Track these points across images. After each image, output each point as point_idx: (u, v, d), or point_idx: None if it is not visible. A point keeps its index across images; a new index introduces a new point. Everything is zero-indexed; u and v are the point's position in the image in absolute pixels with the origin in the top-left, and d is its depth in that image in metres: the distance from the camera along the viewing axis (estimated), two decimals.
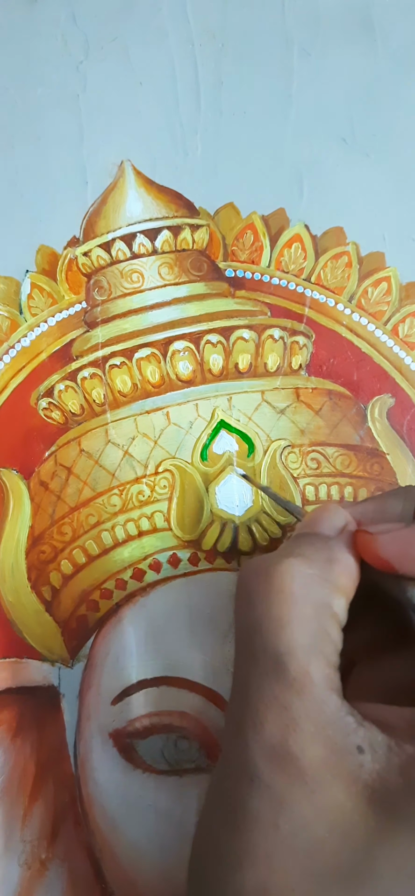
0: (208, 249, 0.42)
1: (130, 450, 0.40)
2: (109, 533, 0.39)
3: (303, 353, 0.41)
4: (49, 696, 0.38)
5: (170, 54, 0.44)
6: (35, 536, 0.39)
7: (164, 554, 0.39)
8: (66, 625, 0.38)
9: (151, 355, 0.40)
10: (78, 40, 0.44)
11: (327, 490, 0.40)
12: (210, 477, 0.39)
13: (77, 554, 0.39)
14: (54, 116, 0.44)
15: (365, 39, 0.44)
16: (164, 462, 0.40)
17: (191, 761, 0.36)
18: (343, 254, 0.42)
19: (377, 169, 0.43)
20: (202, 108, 0.44)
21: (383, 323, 0.42)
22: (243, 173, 0.43)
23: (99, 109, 0.44)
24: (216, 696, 0.37)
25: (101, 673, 0.38)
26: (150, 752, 0.37)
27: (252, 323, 0.41)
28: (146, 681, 0.37)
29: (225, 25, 0.44)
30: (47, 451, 0.40)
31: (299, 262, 0.42)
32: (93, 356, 0.41)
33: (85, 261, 0.42)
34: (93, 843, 0.36)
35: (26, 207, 0.43)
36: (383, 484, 0.40)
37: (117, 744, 0.37)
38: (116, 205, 0.42)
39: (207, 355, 0.41)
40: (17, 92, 0.44)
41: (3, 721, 0.37)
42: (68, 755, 0.37)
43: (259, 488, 0.39)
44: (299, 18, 0.44)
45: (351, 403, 0.41)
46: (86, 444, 0.40)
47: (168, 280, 0.42)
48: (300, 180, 0.43)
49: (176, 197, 0.43)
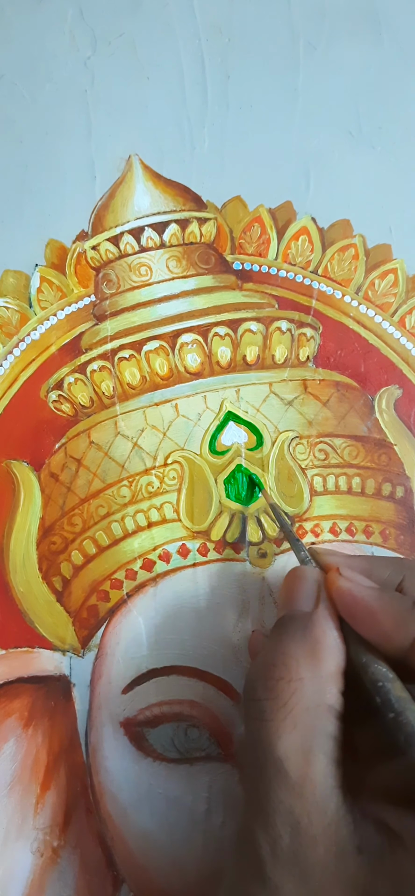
0: (216, 242, 0.43)
1: (139, 441, 0.40)
2: (119, 524, 0.39)
3: (310, 344, 0.42)
4: (61, 685, 0.38)
5: (177, 49, 0.44)
6: (46, 527, 0.39)
7: (173, 544, 0.39)
8: (78, 615, 0.39)
9: (160, 348, 0.41)
10: (86, 36, 0.44)
11: (334, 481, 0.40)
12: (219, 468, 0.40)
13: (87, 545, 0.39)
14: (62, 111, 0.44)
15: (371, 32, 0.45)
16: (173, 454, 0.40)
17: (201, 749, 0.37)
18: (350, 246, 0.43)
19: (384, 161, 0.44)
20: (209, 102, 0.44)
21: (390, 314, 0.42)
22: (250, 167, 0.43)
23: (107, 104, 0.44)
24: (226, 685, 0.37)
25: (111, 662, 0.38)
26: (160, 740, 0.37)
27: (260, 315, 0.41)
28: (156, 670, 0.38)
29: (231, 20, 0.44)
30: (57, 443, 0.40)
31: (306, 255, 0.43)
32: (102, 349, 0.41)
33: (94, 254, 0.42)
34: (104, 830, 0.37)
35: (35, 202, 0.43)
36: (390, 474, 0.40)
37: (128, 732, 0.37)
38: (124, 199, 0.43)
39: (215, 347, 0.41)
40: (25, 87, 0.44)
41: (16, 710, 0.38)
42: (80, 744, 0.37)
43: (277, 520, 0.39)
44: (305, 12, 0.44)
45: (358, 395, 0.41)
46: (95, 436, 0.40)
47: (176, 273, 0.42)
48: (307, 173, 0.43)
49: (184, 190, 0.43)
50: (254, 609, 0.38)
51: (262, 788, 0.27)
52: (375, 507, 0.40)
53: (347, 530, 0.40)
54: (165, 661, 0.38)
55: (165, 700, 0.37)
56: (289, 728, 0.27)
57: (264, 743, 0.27)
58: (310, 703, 0.28)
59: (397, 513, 0.40)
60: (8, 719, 0.38)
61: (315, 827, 0.25)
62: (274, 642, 0.30)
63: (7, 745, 0.37)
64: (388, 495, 0.40)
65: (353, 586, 0.30)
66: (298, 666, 0.28)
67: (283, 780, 0.26)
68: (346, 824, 0.25)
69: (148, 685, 0.37)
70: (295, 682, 0.28)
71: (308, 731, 0.27)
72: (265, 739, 0.27)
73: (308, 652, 0.29)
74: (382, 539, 0.39)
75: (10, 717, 0.38)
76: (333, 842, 0.25)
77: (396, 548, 0.39)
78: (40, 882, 0.36)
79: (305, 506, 0.40)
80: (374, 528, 0.40)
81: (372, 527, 0.40)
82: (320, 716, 0.28)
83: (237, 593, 0.39)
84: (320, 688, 0.28)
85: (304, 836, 0.25)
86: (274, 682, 0.28)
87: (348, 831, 0.25)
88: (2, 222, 0.43)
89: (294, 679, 0.28)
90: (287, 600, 0.32)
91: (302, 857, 0.25)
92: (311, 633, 0.29)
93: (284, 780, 0.26)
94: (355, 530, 0.39)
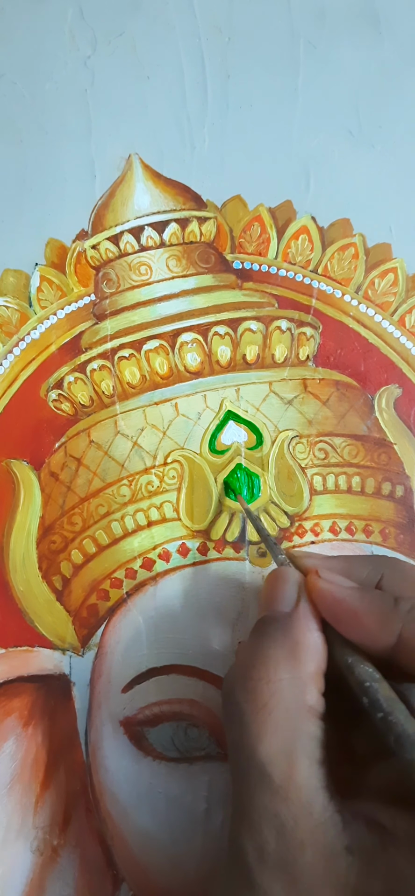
0: (216, 242, 0.43)
1: (139, 441, 0.40)
2: (119, 523, 0.39)
3: (310, 344, 0.42)
4: (60, 684, 0.38)
5: (177, 48, 0.44)
6: (46, 526, 0.39)
7: (173, 544, 0.39)
8: (77, 614, 0.39)
9: (160, 347, 0.41)
10: (85, 35, 0.44)
11: (334, 480, 0.40)
12: (219, 467, 0.40)
13: (87, 544, 0.39)
14: (62, 111, 0.44)
15: (371, 32, 0.45)
16: (172, 453, 0.40)
17: (201, 749, 0.37)
18: (350, 245, 0.43)
19: (384, 161, 0.44)
20: (209, 101, 0.44)
21: (389, 314, 0.42)
22: (250, 166, 0.43)
23: (107, 104, 0.44)
24: None
25: (111, 661, 0.38)
26: (160, 739, 0.37)
27: (260, 314, 0.41)
28: (156, 669, 0.38)
29: (231, 19, 0.44)
30: (57, 442, 0.40)
31: (306, 254, 0.43)
32: (102, 348, 0.41)
33: (93, 254, 0.42)
34: (104, 829, 0.37)
35: (35, 201, 0.43)
36: (390, 473, 0.40)
37: (128, 731, 0.37)
38: (124, 198, 0.43)
39: (215, 347, 0.41)
40: (25, 87, 0.44)
41: (15, 709, 0.38)
42: (80, 743, 0.37)
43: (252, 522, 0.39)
44: (305, 12, 0.44)
45: (358, 394, 0.41)
46: (95, 436, 0.40)
47: (176, 272, 0.42)
48: (307, 172, 0.43)
49: (184, 190, 0.43)
50: (254, 608, 0.38)
51: (245, 793, 0.27)
52: (374, 506, 0.40)
53: (346, 529, 0.40)
54: (165, 660, 0.38)
55: (165, 699, 0.37)
56: (270, 731, 0.27)
57: (246, 747, 0.27)
58: (290, 705, 0.27)
59: (396, 512, 0.40)
60: (8, 718, 0.38)
61: (302, 830, 0.25)
62: (253, 644, 0.30)
63: (7, 744, 0.37)
64: (388, 494, 0.40)
65: (333, 587, 0.30)
66: (276, 667, 0.28)
67: (266, 784, 0.26)
68: (333, 825, 0.25)
69: (148, 684, 0.37)
70: (274, 682, 0.28)
71: (290, 733, 0.27)
72: (247, 744, 0.27)
73: (288, 653, 0.28)
74: (381, 538, 0.39)
75: (9, 715, 0.38)
76: (321, 843, 0.25)
77: (395, 547, 0.39)
78: (40, 881, 0.36)
79: (305, 505, 0.40)
80: (374, 527, 0.40)
81: (372, 526, 0.40)
82: (302, 717, 0.27)
83: (237, 592, 0.39)
84: (301, 689, 0.28)
85: (290, 839, 0.25)
86: (253, 684, 0.28)
87: (337, 831, 0.25)
88: (2, 221, 0.43)
89: (273, 680, 0.28)
90: (267, 601, 0.32)
91: (290, 862, 0.25)
92: (290, 634, 0.29)
93: (267, 784, 0.26)
94: (355, 529, 0.39)
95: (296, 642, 0.29)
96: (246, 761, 0.27)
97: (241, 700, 0.28)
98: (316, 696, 0.28)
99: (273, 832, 0.25)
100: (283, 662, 0.28)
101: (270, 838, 0.25)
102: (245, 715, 0.27)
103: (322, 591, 0.30)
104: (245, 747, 0.27)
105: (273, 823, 0.26)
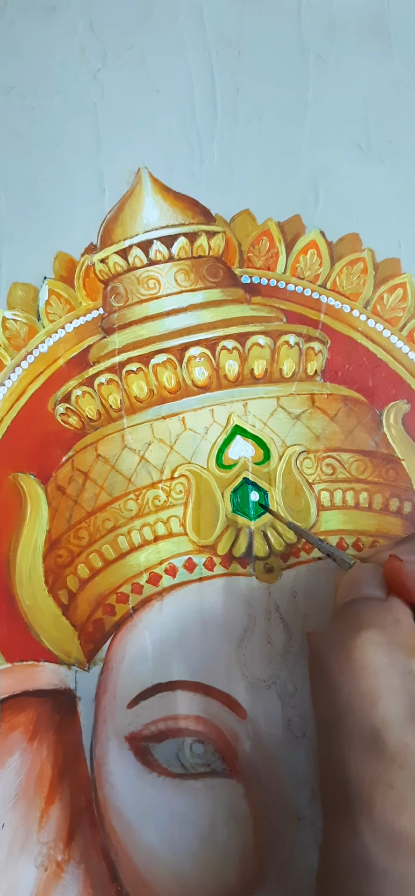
0: (224, 256, 0.43)
1: (146, 455, 0.40)
2: (126, 537, 0.39)
3: (318, 358, 0.41)
4: (66, 699, 0.38)
5: (186, 62, 0.44)
6: (52, 541, 0.39)
7: (179, 559, 0.39)
8: (83, 628, 0.39)
9: (167, 361, 0.41)
10: (96, 49, 0.45)
11: (342, 496, 0.40)
12: (226, 482, 0.40)
13: (94, 558, 0.39)
14: (72, 124, 0.44)
15: (381, 46, 0.45)
16: (180, 467, 0.40)
17: (206, 765, 0.37)
18: (359, 260, 0.43)
19: (393, 175, 0.43)
20: (219, 115, 0.44)
21: (398, 329, 0.42)
22: (259, 180, 0.43)
23: (116, 117, 0.44)
24: (231, 700, 0.37)
25: (117, 676, 0.38)
26: (165, 755, 0.37)
27: (268, 329, 0.41)
28: (162, 685, 0.37)
29: (241, 33, 0.44)
30: (64, 455, 0.40)
31: (315, 269, 0.42)
32: (110, 362, 0.41)
33: (102, 267, 0.42)
34: (109, 845, 0.36)
35: (44, 215, 0.43)
36: (398, 490, 0.40)
37: (133, 747, 0.37)
38: (132, 212, 0.43)
39: (222, 361, 0.41)
40: (35, 100, 0.44)
41: (21, 724, 0.38)
42: (85, 758, 0.37)
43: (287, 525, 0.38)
44: (315, 26, 0.44)
45: (366, 409, 0.41)
46: (102, 450, 0.40)
47: (184, 286, 0.42)
48: (316, 187, 0.43)
49: (192, 204, 0.43)
50: (260, 624, 0.38)
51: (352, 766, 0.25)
52: (382, 522, 0.40)
53: (354, 545, 0.39)
54: (171, 676, 0.38)
55: (171, 715, 0.37)
56: (385, 693, 0.25)
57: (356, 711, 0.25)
58: (402, 669, 0.26)
59: (404, 528, 0.40)
60: (13, 733, 0.38)
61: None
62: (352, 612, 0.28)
63: (12, 759, 0.37)
64: (395, 511, 0.40)
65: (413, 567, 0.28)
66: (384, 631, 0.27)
67: (380, 751, 0.24)
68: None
69: (153, 700, 0.37)
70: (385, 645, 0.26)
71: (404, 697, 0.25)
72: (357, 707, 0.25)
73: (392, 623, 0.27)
74: None
75: (15, 730, 0.38)
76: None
77: None
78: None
79: (313, 520, 0.39)
80: (381, 543, 0.39)
81: (379, 542, 0.39)
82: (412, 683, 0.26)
83: (243, 608, 0.38)
84: (408, 657, 0.26)
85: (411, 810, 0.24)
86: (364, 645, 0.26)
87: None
88: (11, 235, 0.43)
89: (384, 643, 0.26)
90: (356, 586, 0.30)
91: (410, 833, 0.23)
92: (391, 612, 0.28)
93: (381, 751, 0.24)
94: (363, 546, 0.39)
95: (397, 619, 0.28)
96: (355, 728, 0.25)
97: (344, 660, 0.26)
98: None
99: (389, 805, 0.24)
100: (390, 629, 0.27)
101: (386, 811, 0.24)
102: (354, 673, 0.26)
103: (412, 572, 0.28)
104: (354, 711, 0.25)
105: (389, 795, 0.24)
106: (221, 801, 0.36)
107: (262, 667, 0.37)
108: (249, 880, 0.35)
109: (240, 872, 0.35)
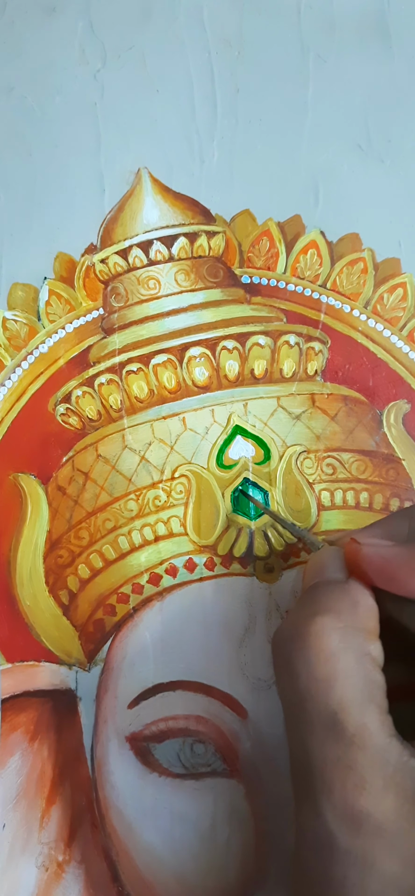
0: (224, 256, 0.43)
1: (146, 455, 0.40)
2: (126, 538, 0.39)
3: (319, 358, 0.41)
4: (66, 699, 0.38)
5: (186, 62, 0.44)
6: (53, 541, 0.39)
7: (180, 559, 0.39)
8: (84, 629, 0.39)
9: (168, 361, 0.41)
10: (95, 49, 0.45)
11: (342, 496, 0.40)
12: (226, 482, 0.40)
13: (94, 558, 0.39)
14: (72, 124, 0.44)
15: (381, 46, 0.45)
16: (180, 467, 0.40)
17: (207, 765, 0.37)
18: (359, 260, 0.43)
19: (393, 175, 0.43)
20: (218, 115, 0.44)
21: (398, 329, 0.42)
22: (259, 180, 0.43)
23: (116, 117, 0.44)
24: (232, 700, 0.37)
25: (117, 677, 0.38)
26: (166, 755, 0.37)
27: (268, 329, 0.41)
28: (163, 685, 0.37)
29: (241, 33, 0.44)
30: (65, 456, 0.40)
31: (315, 269, 0.43)
32: (110, 362, 0.41)
33: (102, 268, 0.42)
34: (109, 846, 0.36)
35: (44, 215, 0.43)
36: (398, 489, 0.40)
37: (134, 747, 0.37)
38: (132, 212, 0.43)
39: (223, 361, 0.41)
40: (34, 100, 0.44)
41: (21, 724, 0.38)
42: (85, 758, 0.37)
43: (274, 517, 0.39)
44: (315, 25, 0.44)
45: (367, 409, 0.41)
46: (103, 450, 0.40)
47: (184, 287, 0.42)
48: (316, 187, 0.43)
49: (192, 204, 0.43)
50: (261, 624, 0.38)
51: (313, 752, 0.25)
52: None
53: None
54: (172, 676, 0.38)
55: (171, 715, 0.37)
56: (341, 677, 0.25)
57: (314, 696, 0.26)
58: (358, 652, 0.26)
59: None
60: (14, 733, 0.38)
61: (381, 777, 0.24)
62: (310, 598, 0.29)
63: (13, 759, 0.37)
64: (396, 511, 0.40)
65: (380, 549, 0.29)
66: (340, 615, 0.27)
67: (339, 733, 0.25)
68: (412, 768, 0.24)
69: (154, 700, 0.37)
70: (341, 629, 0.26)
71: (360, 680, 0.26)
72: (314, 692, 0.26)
73: (349, 607, 0.27)
74: None
75: (15, 730, 0.38)
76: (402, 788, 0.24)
77: None
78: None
79: (313, 520, 0.39)
80: None
81: None
82: (369, 665, 0.26)
83: (244, 608, 0.38)
84: (365, 639, 0.27)
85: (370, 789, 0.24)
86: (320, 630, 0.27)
87: None
88: (11, 235, 0.43)
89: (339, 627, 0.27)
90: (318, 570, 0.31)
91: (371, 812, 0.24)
92: (349, 594, 0.28)
93: (340, 734, 0.25)
94: None
95: (355, 601, 0.28)
96: (314, 713, 0.26)
97: (300, 647, 0.27)
98: (378, 648, 0.27)
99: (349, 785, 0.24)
100: (346, 613, 0.27)
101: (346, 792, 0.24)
102: (310, 659, 0.26)
103: (369, 555, 0.29)
104: (313, 697, 0.26)
105: (349, 776, 0.24)
106: (222, 801, 0.36)
107: (263, 667, 0.37)
108: (250, 880, 0.35)
109: (241, 872, 0.35)
